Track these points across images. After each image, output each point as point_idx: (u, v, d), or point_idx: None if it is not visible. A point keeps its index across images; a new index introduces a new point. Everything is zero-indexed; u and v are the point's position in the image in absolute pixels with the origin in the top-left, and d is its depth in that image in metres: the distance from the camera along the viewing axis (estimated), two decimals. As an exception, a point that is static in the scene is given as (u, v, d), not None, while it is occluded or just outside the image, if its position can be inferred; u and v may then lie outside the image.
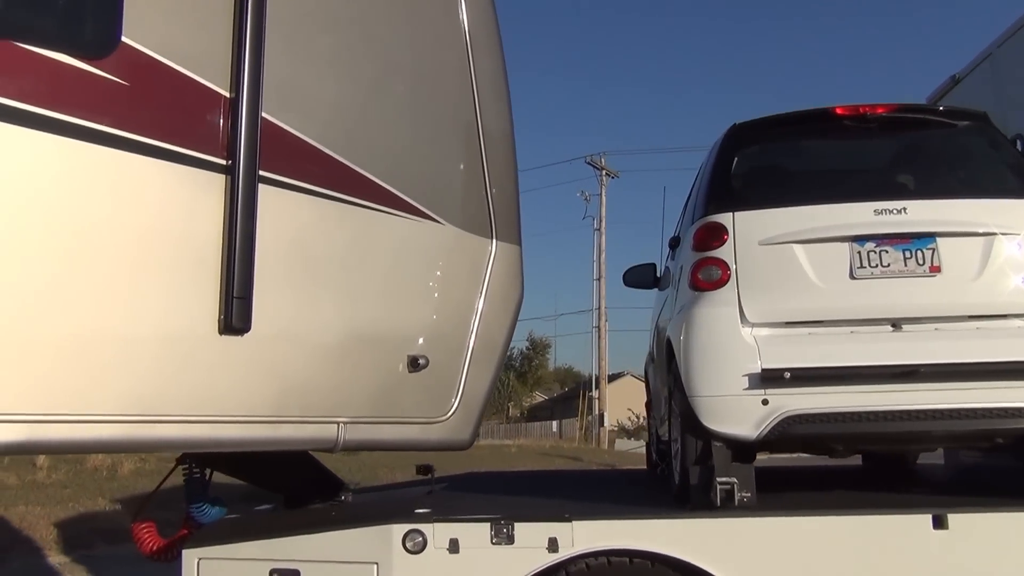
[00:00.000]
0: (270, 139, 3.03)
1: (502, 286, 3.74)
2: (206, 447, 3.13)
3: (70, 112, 2.55)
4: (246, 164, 2.95)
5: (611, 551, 3.25)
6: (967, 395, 3.36)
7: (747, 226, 3.69)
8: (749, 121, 4.14)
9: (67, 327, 2.56)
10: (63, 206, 2.58)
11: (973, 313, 3.53)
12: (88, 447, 2.75)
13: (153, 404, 2.77)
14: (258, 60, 2.99)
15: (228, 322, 2.89)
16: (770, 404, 3.41)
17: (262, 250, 2.99)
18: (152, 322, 2.76)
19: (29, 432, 2.48)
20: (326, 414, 3.26)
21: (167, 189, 2.81)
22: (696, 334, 3.63)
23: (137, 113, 2.72)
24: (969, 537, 3.17)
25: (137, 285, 2.73)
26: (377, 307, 3.42)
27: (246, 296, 2.92)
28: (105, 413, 2.65)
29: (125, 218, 2.71)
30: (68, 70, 2.58)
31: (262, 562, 3.35)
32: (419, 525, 3.25)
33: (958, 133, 4.06)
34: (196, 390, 2.88)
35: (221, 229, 2.91)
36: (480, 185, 3.70)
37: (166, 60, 2.80)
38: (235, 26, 2.98)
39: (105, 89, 2.65)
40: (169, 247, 2.81)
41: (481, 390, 3.67)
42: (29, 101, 2.47)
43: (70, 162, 2.58)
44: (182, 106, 2.86)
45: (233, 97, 2.96)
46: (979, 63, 5.71)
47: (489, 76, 3.77)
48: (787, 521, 3.28)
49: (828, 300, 3.57)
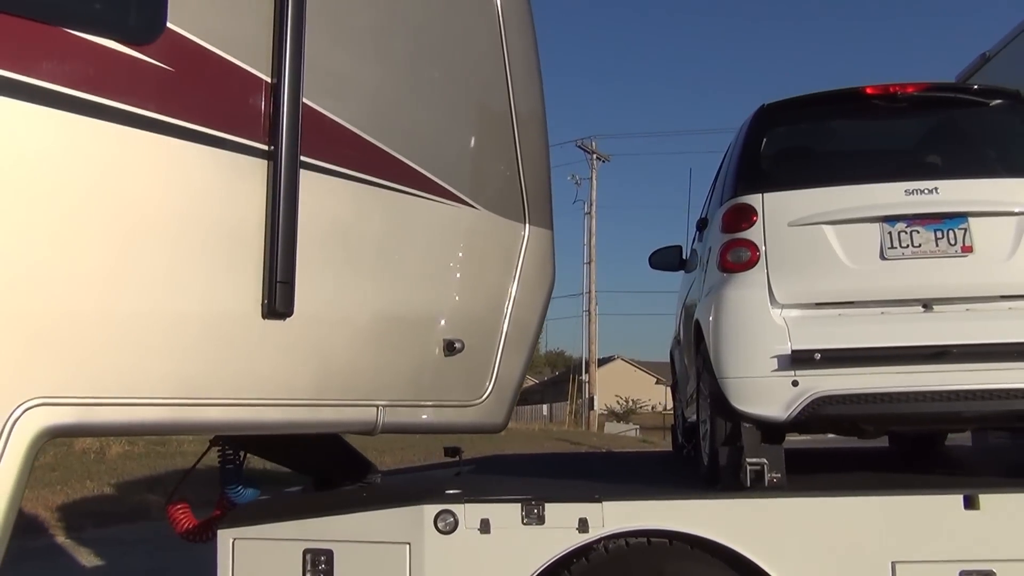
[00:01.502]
0: (311, 124, 3.04)
1: (534, 271, 3.74)
2: (249, 430, 3.16)
3: (117, 98, 2.57)
4: (288, 149, 2.95)
5: (641, 531, 3.27)
6: (998, 375, 3.35)
7: (776, 207, 3.68)
8: (777, 101, 4.12)
9: (115, 311, 2.59)
10: (109, 191, 2.60)
11: (1005, 293, 3.51)
12: (136, 430, 2.79)
13: (198, 387, 2.79)
14: (299, 45, 2.99)
15: (272, 306, 2.90)
16: (800, 385, 3.41)
17: (303, 235, 3.00)
18: (197, 306, 2.78)
19: (80, 415, 2.51)
20: (365, 397, 3.28)
21: (211, 174, 2.82)
22: (725, 316, 3.63)
23: (181, 99, 2.73)
24: (1000, 517, 3.17)
25: (182, 270, 2.75)
26: (414, 291, 3.43)
27: (289, 280, 2.94)
28: (152, 396, 2.68)
29: (170, 204, 2.73)
30: (115, 56, 2.59)
31: (296, 542, 3.39)
32: (451, 506, 3.28)
33: (990, 112, 4.02)
34: (239, 374, 2.91)
35: (263, 214, 2.92)
36: (513, 169, 3.70)
37: (209, 46, 2.80)
38: (276, 11, 2.98)
39: (151, 75, 2.66)
40: (213, 232, 2.83)
41: (514, 374, 3.68)
42: (79, 87, 2.49)
43: (117, 148, 2.60)
44: (225, 92, 2.87)
45: (275, 83, 2.96)
46: (1010, 41, 5.62)
47: (521, 58, 3.74)
48: (817, 502, 3.28)
49: (858, 281, 3.56)
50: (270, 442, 3.74)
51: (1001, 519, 3.16)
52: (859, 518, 3.22)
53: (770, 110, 4.10)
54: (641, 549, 3.28)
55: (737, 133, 4.21)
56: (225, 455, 3.86)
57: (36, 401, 2.40)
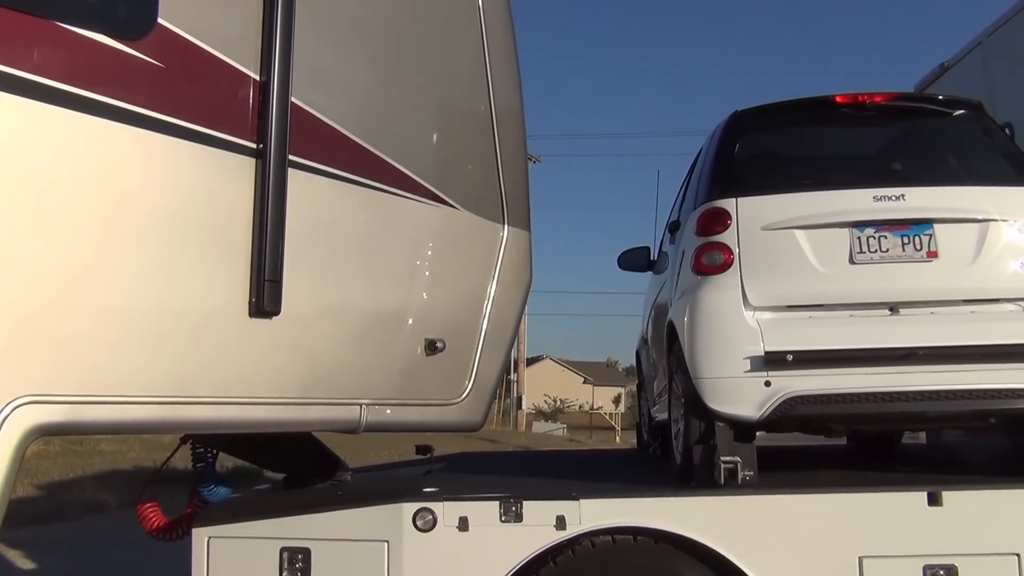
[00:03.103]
0: (298, 123, 3.04)
1: (512, 271, 3.79)
2: (236, 428, 3.14)
3: (106, 92, 2.54)
4: (277, 148, 2.95)
5: (618, 528, 3.32)
6: (962, 376, 3.45)
7: (750, 211, 3.75)
8: (750, 108, 4.21)
9: (104, 309, 2.57)
10: (99, 188, 2.57)
11: (968, 297, 3.62)
12: (124, 428, 2.76)
13: (186, 385, 2.78)
14: (288, 43, 2.98)
15: (259, 305, 2.90)
16: (773, 385, 3.49)
17: (290, 233, 3.00)
18: (186, 304, 2.77)
19: (69, 413, 2.49)
20: (349, 396, 3.29)
21: (199, 172, 2.81)
22: (700, 317, 3.69)
23: (171, 95, 2.71)
24: (962, 513, 3.27)
25: (171, 267, 2.73)
26: (397, 291, 3.45)
27: (277, 279, 2.94)
28: (141, 395, 2.66)
29: (160, 201, 2.71)
30: (106, 50, 2.56)
31: (272, 540, 3.38)
32: (429, 504, 3.30)
33: (954, 121, 4.14)
34: (227, 372, 2.90)
35: (251, 212, 2.92)
36: (493, 170, 3.73)
37: (200, 42, 2.79)
38: (265, 9, 2.97)
39: (141, 70, 2.64)
40: (201, 230, 2.81)
41: (492, 373, 3.73)
42: (68, 81, 2.46)
43: (106, 143, 2.56)
44: (214, 89, 2.85)
45: (264, 80, 2.95)
46: (969, 51, 5.76)
47: (502, 59, 3.78)
48: (788, 499, 3.37)
49: (829, 284, 3.65)
50: (245, 440, 3.72)
51: (963, 515, 3.27)
52: (827, 514, 3.31)
53: (743, 116, 4.18)
54: (617, 546, 3.33)
55: (710, 138, 4.29)
56: (198, 453, 3.83)
57: (26, 399, 2.38)
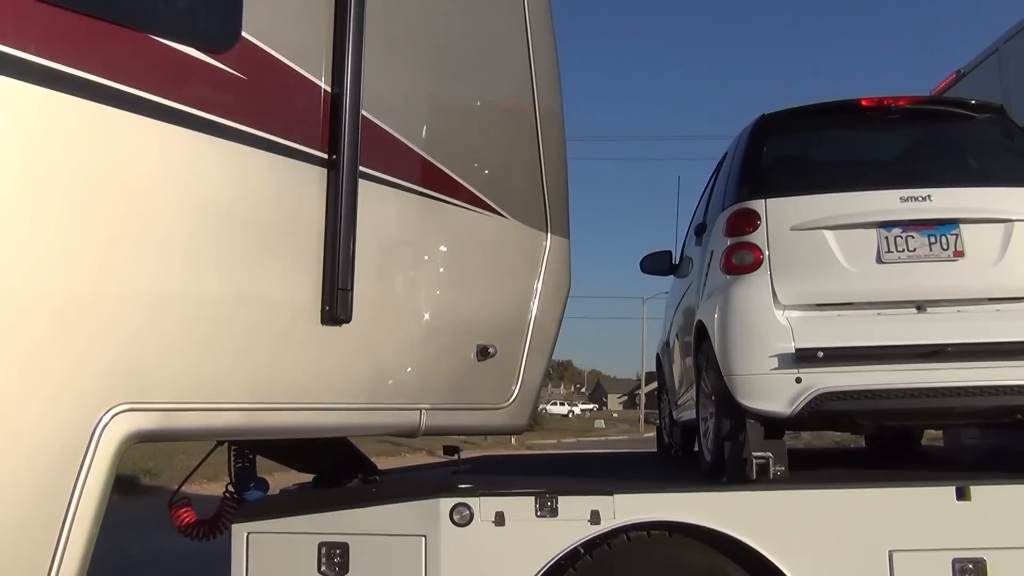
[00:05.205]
0: (368, 135, 3.12)
1: (555, 278, 3.89)
2: (311, 433, 3.23)
3: (194, 104, 2.62)
4: (349, 159, 3.03)
5: (652, 523, 3.38)
6: (988, 373, 3.51)
7: (779, 212, 3.82)
8: (777, 112, 4.28)
9: (194, 320, 2.65)
10: (187, 198, 2.65)
11: (994, 296, 3.69)
12: (213, 434, 2.85)
13: (266, 392, 2.86)
14: (359, 57, 3.06)
15: (332, 313, 2.98)
16: (803, 382, 3.55)
17: (360, 243, 3.08)
18: (265, 313, 2.85)
19: (163, 420, 2.57)
20: (410, 401, 3.39)
21: (277, 182, 2.89)
22: (731, 315, 3.75)
23: (251, 106, 2.79)
24: (990, 508, 3.34)
25: (251, 277, 2.81)
26: (453, 298, 3.55)
27: (349, 287, 3.02)
28: (228, 401, 2.75)
29: (240, 210, 2.79)
30: (193, 63, 2.65)
31: (311, 535, 3.42)
32: (466, 499, 3.35)
33: (977, 124, 4.21)
34: (303, 378, 2.99)
35: (323, 222, 3.00)
36: (537, 179, 3.83)
37: (279, 55, 2.87)
38: (337, 23, 3.05)
39: (225, 82, 2.72)
40: (277, 239, 2.89)
41: (536, 377, 3.83)
42: (158, 92, 2.53)
43: (194, 154, 2.65)
44: (291, 100, 2.94)
45: (336, 93, 3.03)
46: (984, 59, 5.82)
47: (546, 73, 3.87)
48: (820, 494, 3.43)
49: (857, 283, 3.71)
50: (283, 443, 3.80)
51: (991, 509, 3.34)
52: (858, 509, 3.37)
53: (770, 120, 4.25)
54: (652, 540, 3.39)
55: (736, 141, 4.36)
56: (239, 454, 3.89)
57: (124, 407, 2.45)
